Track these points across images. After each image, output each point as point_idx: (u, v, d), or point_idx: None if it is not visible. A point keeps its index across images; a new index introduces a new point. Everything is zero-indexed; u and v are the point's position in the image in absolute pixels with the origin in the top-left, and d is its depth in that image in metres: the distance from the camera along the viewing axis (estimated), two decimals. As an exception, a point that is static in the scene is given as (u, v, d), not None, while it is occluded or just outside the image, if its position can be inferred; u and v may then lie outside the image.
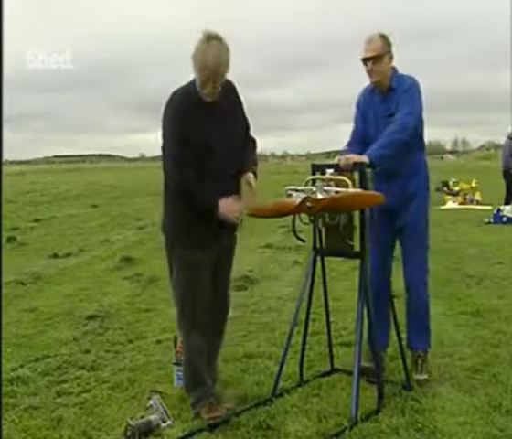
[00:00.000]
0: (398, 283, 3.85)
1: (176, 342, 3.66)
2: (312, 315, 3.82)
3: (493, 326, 4.71)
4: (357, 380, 3.15)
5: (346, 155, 3.37)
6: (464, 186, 16.80)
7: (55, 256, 8.74)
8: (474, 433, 2.98)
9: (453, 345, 4.29)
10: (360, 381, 3.21)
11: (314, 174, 3.43)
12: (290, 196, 3.29)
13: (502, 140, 13.56)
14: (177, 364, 3.62)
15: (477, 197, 15.22)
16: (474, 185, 16.63)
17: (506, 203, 12.23)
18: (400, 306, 3.76)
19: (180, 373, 3.59)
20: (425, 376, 3.62)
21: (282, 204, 3.32)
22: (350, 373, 3.40)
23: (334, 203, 3.13)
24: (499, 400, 3.32)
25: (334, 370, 3.81)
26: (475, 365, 3.87)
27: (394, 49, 3.63)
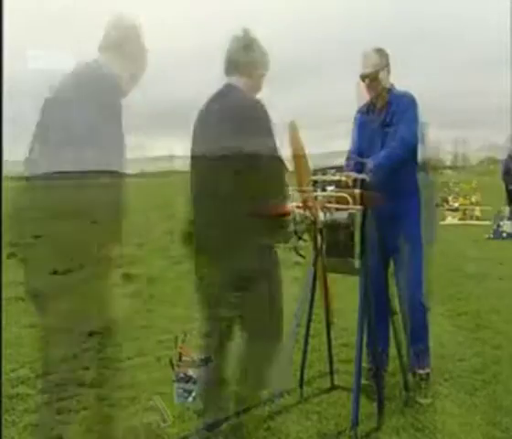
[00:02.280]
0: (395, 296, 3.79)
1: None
2: (311, 331, 3.67)
3: (493, 327, 4.71)
4: (357, 396, 3.04)
5: (346, 173, 3.33)
6: (464, 201, 16.63)
7: (55, 273, 8.56)
8: (475, 434, 2.98)
9: (454, 345, 4.30)
10: (360, 398, 3.11)
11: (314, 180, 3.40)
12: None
13: (500, 155, 13.59)
14: (177, 381, 3.53)
15: (477, 213, 15.28)
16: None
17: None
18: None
19: (180, 390, 3.50)
20: (429, 400, 3.45)
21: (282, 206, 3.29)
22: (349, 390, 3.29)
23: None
24: (499, 400, 3.33)
25: (333, 387, 3.67)
26: (476, 365, 3.88)
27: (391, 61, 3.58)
